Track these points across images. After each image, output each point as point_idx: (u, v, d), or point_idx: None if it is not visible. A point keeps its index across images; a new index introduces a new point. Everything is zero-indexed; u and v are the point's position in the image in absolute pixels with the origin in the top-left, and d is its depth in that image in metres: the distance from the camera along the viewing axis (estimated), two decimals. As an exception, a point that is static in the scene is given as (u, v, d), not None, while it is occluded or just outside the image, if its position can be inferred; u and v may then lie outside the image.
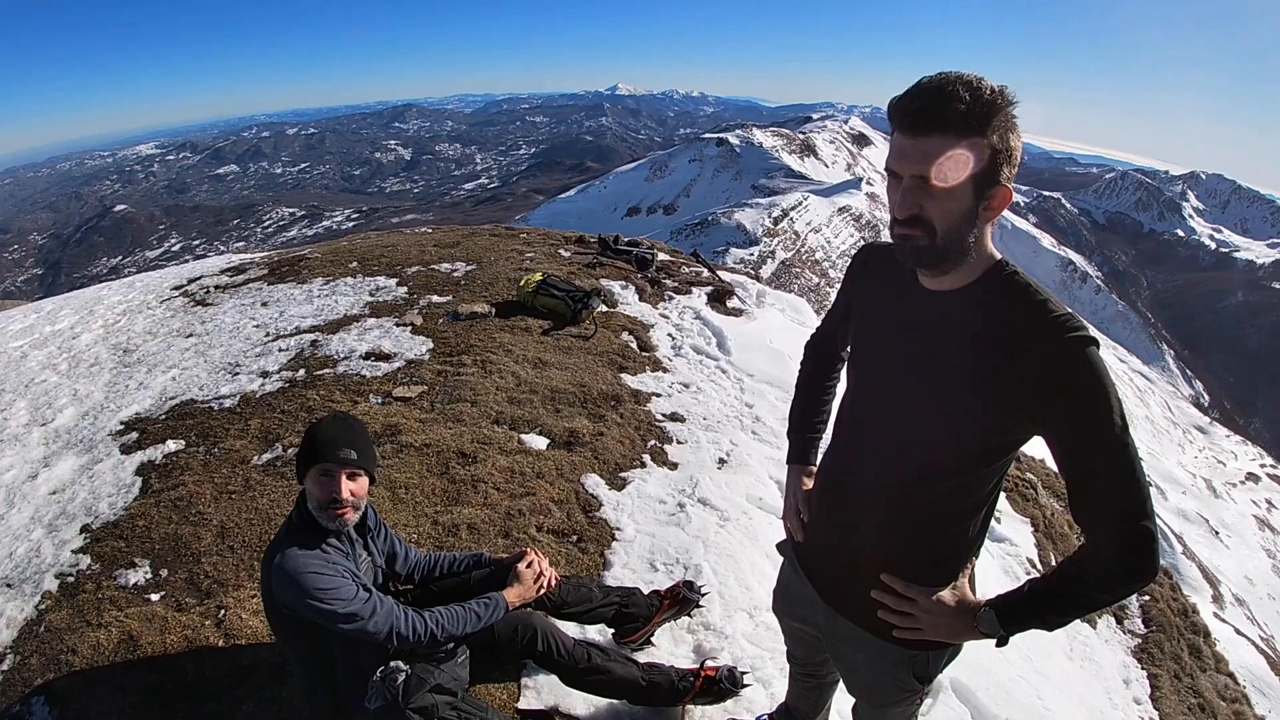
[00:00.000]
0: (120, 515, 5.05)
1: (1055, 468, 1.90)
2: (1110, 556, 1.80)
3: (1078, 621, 6.17)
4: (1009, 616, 1.97)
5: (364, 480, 2.96)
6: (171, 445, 5.86)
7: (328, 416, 2.99)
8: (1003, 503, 7.14)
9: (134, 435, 6.14)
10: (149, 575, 4.41)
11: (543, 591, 3.46)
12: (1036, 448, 8.58)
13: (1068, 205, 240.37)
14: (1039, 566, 6.48)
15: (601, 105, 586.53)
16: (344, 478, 2.85)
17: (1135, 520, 1.74)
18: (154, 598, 4.22)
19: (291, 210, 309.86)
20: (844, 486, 2.30)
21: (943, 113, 1.68)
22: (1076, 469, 1.79)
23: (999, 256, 1.89)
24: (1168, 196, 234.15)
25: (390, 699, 2.82)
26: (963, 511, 2.08)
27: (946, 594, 2.09)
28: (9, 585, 4.50)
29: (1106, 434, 1.72)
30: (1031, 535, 6.99)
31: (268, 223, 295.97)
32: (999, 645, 2.01)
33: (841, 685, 2.83)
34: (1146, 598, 7.18)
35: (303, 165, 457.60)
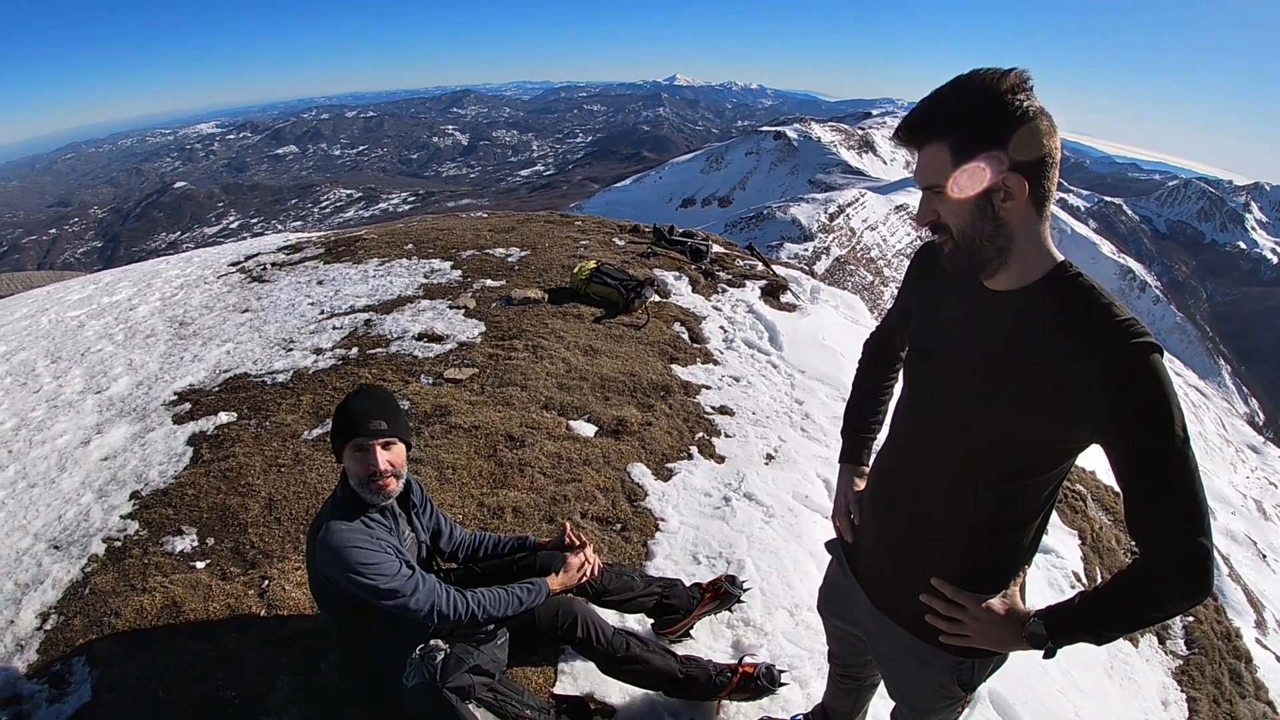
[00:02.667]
0: (170, 483, 5.10)
1: (1108, 480, 1.85)
2: (1164, 572, 1.74)
3: (1120, 639, 6.06)
4: (1058, 628, 1.91)
5: (400, 448, 2.96)
6: (224, 417, 5.92)
7: (354, 391, 2.99)
8: (1052, 514, 7.01)
9: (187, 406, 6.20)
10: (195, 543, 4.46)
11: (585, 579, 3.44)
12: (1087, 459, 8.46)
13: (1129, 211, 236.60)
14: (1084, 580, 6.36)
15: (659, 95, 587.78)
16: (379, 449, 2.86)
17: (1192, 536, 1.69)
18: (199, 566, 4.26)
19: (349, 191, 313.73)
20: (897, 489, 2.26)
21: (925, 123, 1.76)
22: (1134, 480, 1.73)
23: (1061, 258, 1.84)
24: (1230, 207, 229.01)
25: (428, 677, 2.82)
26: (1017, 519, 2.02)
27: (996, 602, 2.03)
28: (57, 547, 4.56)
29: (1167, 446, 1.66)
30: (1078, 548, 6.85)
31: (325, 203, 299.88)
32: (1046, 657, 1.96)
33: (880, 688, 2.79)
34: (1191, 619, 7.03)
35: (361, 148, 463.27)
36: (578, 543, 3.54)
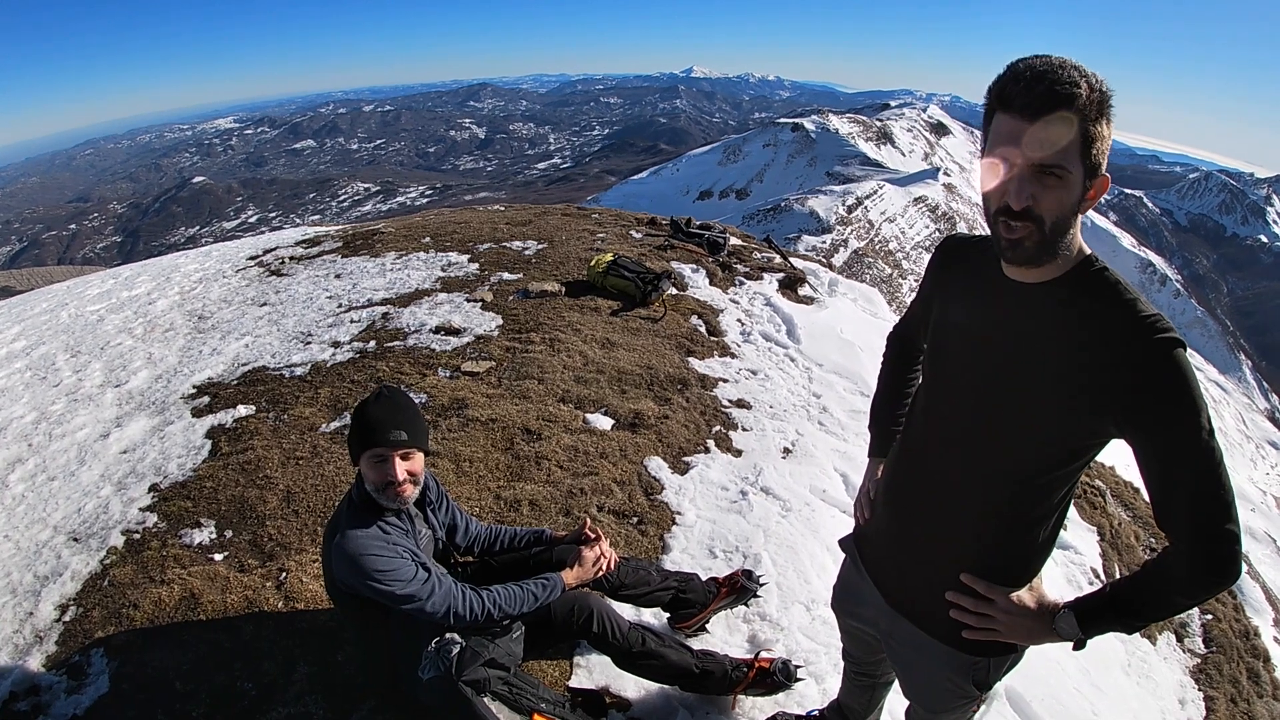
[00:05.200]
0: (188, 476, 5.13)
1: (1128, 476, 1.84)
2: (1193, 560, 1.74)
3: (1137, 637, 6.02)
4: (1089, 618, 1.91)
5: (419, 457, 2.96)
6: (242, 410, 5.95)
7: (373, 396, 2.96)
8: (1070, 509, 6.95)
9: (205, 399, 6.24)
10: (214, 535, 4.48)
11: (601, 573, 3.44)
12: (1108, 455, 8.37)
13: (1149, 204, 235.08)
14: (1103, 577, 6.31)
15: (676, 87, 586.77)
16: (398, 459, 2.86)
17: (1220, 524, 1.69)
18: (217, 558, 4.28)
19: (366, 185, 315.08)
20: (913, 485, 2.24)
21: (1067, 99, 1.59)
22: (1161, 474, 1.73)
23: (1088, 251, 1.82)
24: (1252, 200, 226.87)
25: (443, 670, 2.83)
26: (1035, 515, 2.00)
27: (1025, 594, 2.03)
28: (76, 539, 4.59)
29: (1193, 438, 1.66)
30: (1097, 544, 6.79)
31: (343, 197, 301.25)
32: (1076, 648, 1.96)
33: (896, 686, 2.78)
34: (1209, 616, 6.96)
35: (378, 142, 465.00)
36: (593, 536, 3.54)
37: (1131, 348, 1.67)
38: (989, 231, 1.85)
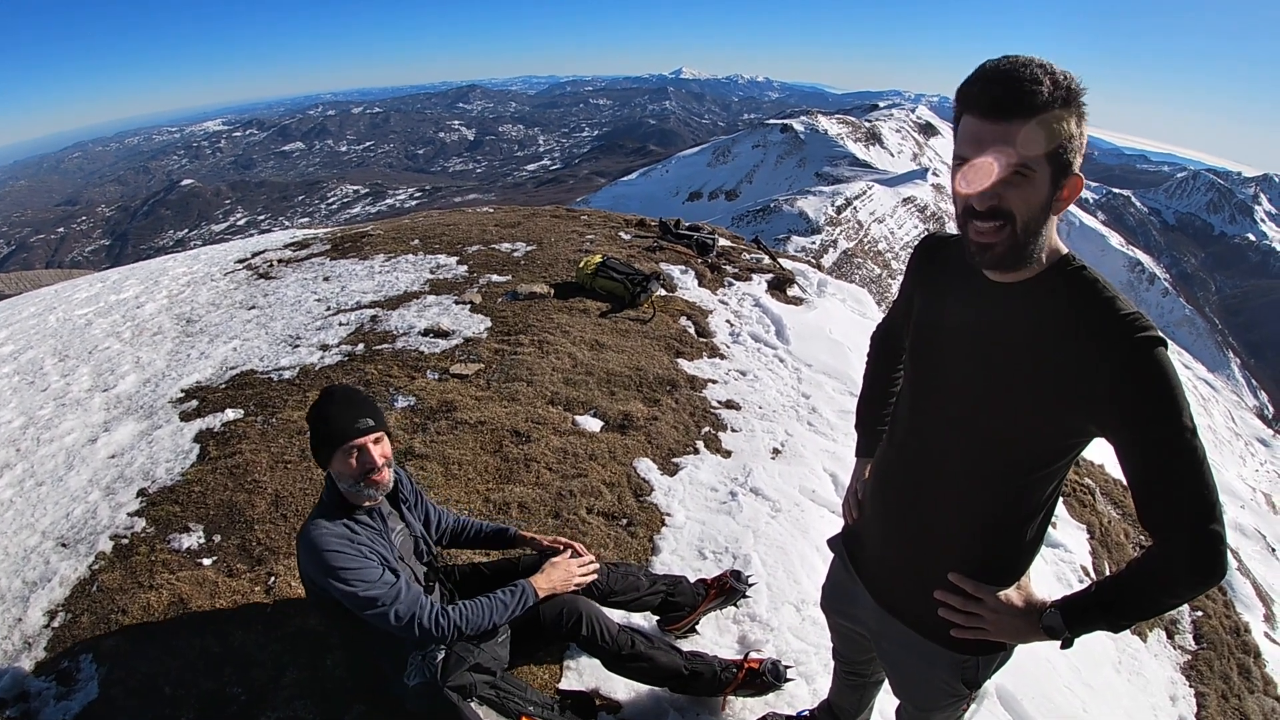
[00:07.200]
0: (177, 481, 5.11)
1: (1117, 474, 1.84)
2: (1178, 559, 1.75)
3: (1127, 634, 6.03)
4: (1075, 618, 1.91)
5: (386, 440, 3.01)
6: (230, 414, 5.92)
7: (323, 399, 2.99)
8: (1059, 508, 6.95)
9: (194, 403, 6.22)
10: (202, 540, 4.46)
11: (589, 580, 3.43)
12: (1096, 452, 8.39)
13: (1137, 204, 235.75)
14: (1093, 575, 6.31)
15: (665, 89, 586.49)
16: (371, 445, 2.90)
17: (1204, 524, 1.69)
18: (206, 562, 4.26)
19: (355, 188, 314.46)
20: (900, 485, 2.25)
21: (1027, 98, 1.60)
22: (1144, 473, 1.74)
23: (1065, 250, 1.83)
24: (1240, 199, 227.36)
25: (429, 676, 2.84)
26: (1022, 513, 2.01)
27: (1012, 593, 2.04)
28: (64, 545, 4.57)
29: (1175, 437, 1.66)
30: (1087, 542, 6.81)
31: (332, 199, 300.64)
32: (1064, 647, 1.96)
33: (886, 685, 2.78)
34: (1199, 613, 6.99)
35: (367, 144, 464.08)
36: (561, 547, 3.54)
37: (1112, 348, 1.68)
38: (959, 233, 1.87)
